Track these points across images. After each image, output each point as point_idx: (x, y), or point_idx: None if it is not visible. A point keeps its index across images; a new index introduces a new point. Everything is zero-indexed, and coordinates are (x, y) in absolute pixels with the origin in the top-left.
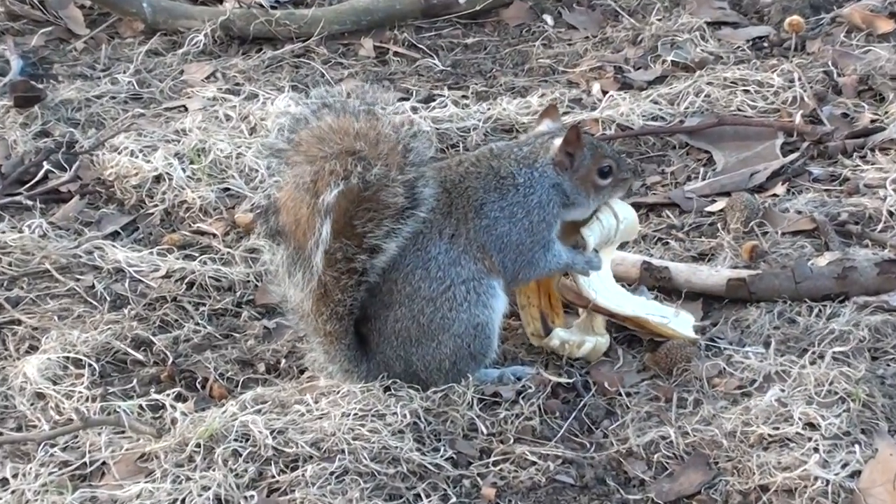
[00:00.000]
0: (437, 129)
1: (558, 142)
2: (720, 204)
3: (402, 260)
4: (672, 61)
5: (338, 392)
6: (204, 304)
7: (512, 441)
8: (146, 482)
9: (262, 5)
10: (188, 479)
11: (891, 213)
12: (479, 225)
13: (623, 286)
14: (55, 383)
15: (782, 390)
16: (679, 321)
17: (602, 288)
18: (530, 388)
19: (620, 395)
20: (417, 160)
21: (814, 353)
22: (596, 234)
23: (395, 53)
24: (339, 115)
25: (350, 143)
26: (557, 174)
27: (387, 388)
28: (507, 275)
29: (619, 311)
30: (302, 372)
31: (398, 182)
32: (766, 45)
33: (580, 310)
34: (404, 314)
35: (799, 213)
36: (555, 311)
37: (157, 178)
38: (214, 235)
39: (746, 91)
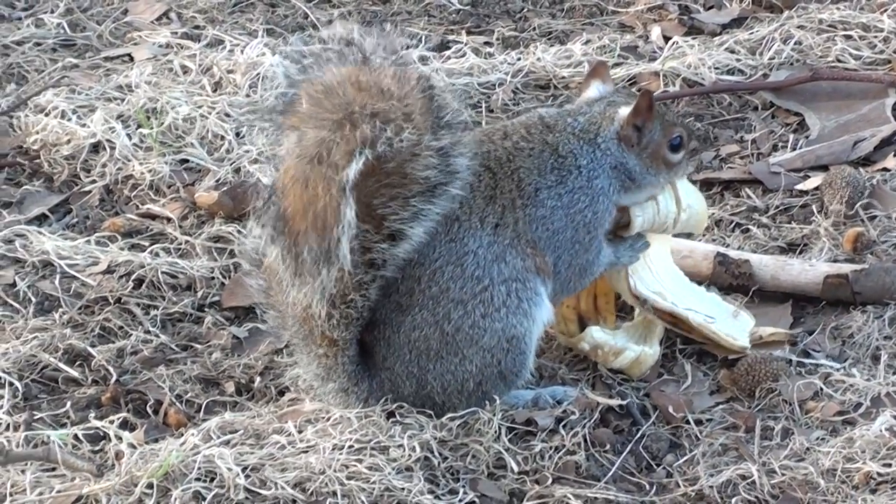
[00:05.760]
0: (454, 84)
1: (624, 111)
2: (815, 180)
3: (430, 253)
4: None
5: (328, 419)
6: (156, 307)
7: (550, 481)
8: None
9: None
10: None
11: None
12: (532, 215)
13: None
14: None
15: (895, 417)
16: (734, 324)
17: (650, 279)
18: (573, 413)
19: (688, 422)
20: (454, 122)
21: None
22: (647, 218)
23: None
24: (357, 64)
25: (372, 99)
26: (622, 152)
27: (391, 414)
28: (559, 281)
29: (660, 305)
30: (282, 393)
31: (432, 150)
32: None
33: (636, 311)
34: (425, 319)
35: None
36: (602, 316)
37: (96, 147)
38: (169, 220)
39: (848, 37)
